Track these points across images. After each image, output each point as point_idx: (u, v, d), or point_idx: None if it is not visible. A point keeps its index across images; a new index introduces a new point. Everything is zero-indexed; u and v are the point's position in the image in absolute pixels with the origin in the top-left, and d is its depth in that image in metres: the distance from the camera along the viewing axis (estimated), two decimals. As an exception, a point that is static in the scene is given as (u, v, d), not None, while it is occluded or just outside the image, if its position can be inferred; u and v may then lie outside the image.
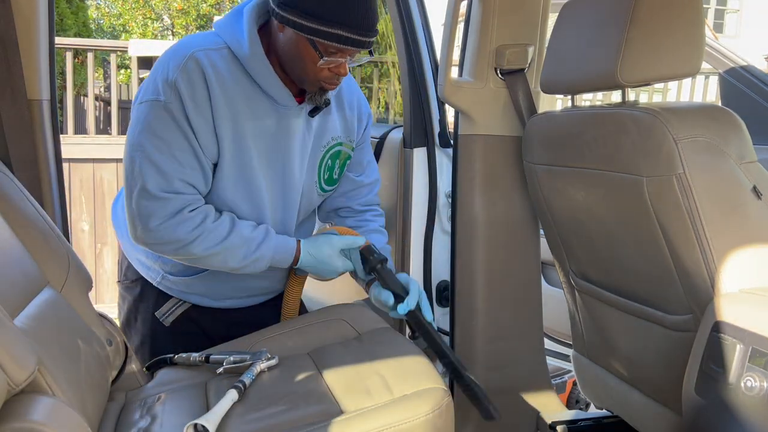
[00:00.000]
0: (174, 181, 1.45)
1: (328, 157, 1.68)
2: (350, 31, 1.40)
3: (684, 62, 1.36)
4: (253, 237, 1.54)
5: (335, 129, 1.67)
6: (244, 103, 1.49)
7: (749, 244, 1.29)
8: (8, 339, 0.93)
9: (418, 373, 1.30)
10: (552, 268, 2.42)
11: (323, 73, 1.47)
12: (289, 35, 1.44)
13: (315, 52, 1.42)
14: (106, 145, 5.32)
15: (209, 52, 1.47)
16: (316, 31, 1.40)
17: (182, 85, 1.43)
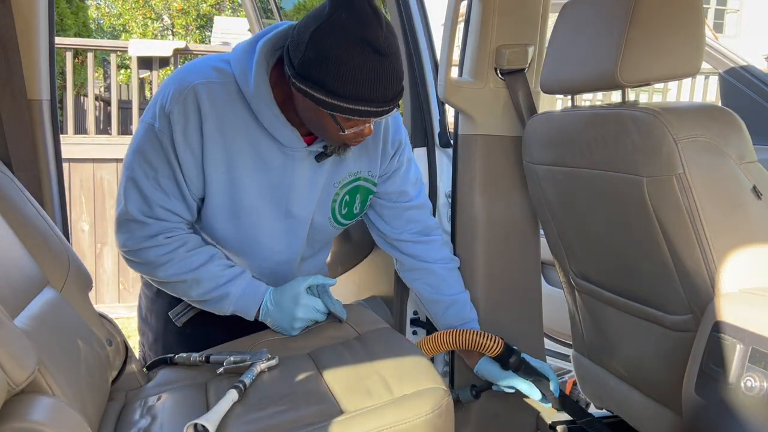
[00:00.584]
0: (155, 208, 1.46)
1: (345, 194, 1.62)
2: (371, 105, 1.32)
3: (684, 62, 1.36)
4: (223, 275, 1.51)
5: (354, 164, 1.60)
6: (245, 139, 1.45)
7: (749, 244, 1.29)
8: (8, 339, 0.93)
9: (418, 373, 1.30)
10: (552, 268, 2.42)
11: (347, 136, 1.41)
12: (308, 103, 1.36)
13: (335, 124, 1.37)
14: (106, 145, 5.32)
15: (213, 85, 1.43)
16: (336, 107, 1.32)
17: (175, 117, 1.42)
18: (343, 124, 1.37)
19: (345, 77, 1.29)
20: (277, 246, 1.59)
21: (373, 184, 1.65)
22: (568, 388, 2.31)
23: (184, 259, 1.49)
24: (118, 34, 16.24)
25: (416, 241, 1.72)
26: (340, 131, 1.38)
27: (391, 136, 1.64)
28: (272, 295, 1.52)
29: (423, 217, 1.74)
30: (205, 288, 1.51)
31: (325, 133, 1.43)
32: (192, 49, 6.27)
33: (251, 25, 3.40)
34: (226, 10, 16.23)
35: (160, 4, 15.71)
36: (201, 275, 1.50)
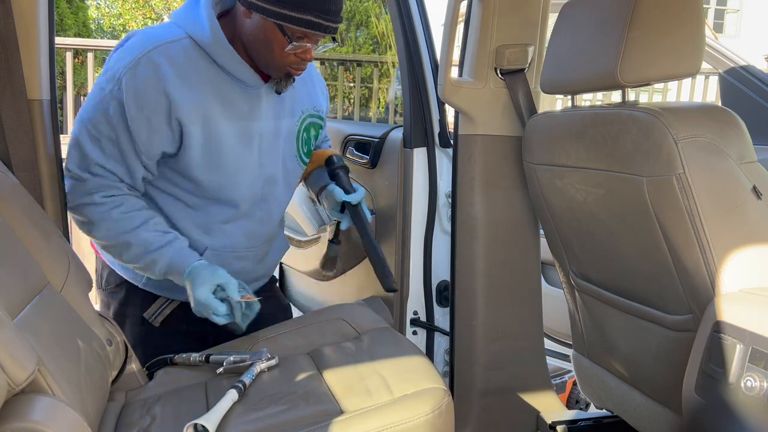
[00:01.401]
0: (92, 165, 1.51)
1: (303, 130, 1.74)
2: (318, 17, 1.42)
3: (684, 62, 1.37)
4: (153, 241, 1.53)
5: (304, 101, 1.73)
6: (211, 89, 1.52)
7: (749, 244, 1.29)
8: (8, 339, 0.93)
9: (418, 373, 1.30)
10: (552, 268, 2.42)
11: (289, 58, 1.50)
12: (256, 21, 1.46)
13: (283, 37, 1.45)
14: (106, 145, 5.31)
15: (167, 46, 1.49)
16: (285, 16, 1.42)
17: (127, 84, 1.46)
18: (291, 37, 1.45)
19: None
20: (255, 187, 1.64)
21: (320, 118, 1.80)
22: (568, 388, 2.31)
23: (117, 220, 1.52)
24: (118, 34, 16.24)
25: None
26: (287, 44, 1.45)
27: (318, 77, 1.83)
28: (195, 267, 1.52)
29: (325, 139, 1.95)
30: (135, 252, 1.54)
31: (271, 55, 1.49)
32: (192, 49, 6.26)
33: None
34: (225, 10, 16.22)
35: (160, 4, 15.71)
36: (132, 239, 1.52)
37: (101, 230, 1.54)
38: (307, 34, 1.46)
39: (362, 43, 7.34)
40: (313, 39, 1.49)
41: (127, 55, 1.49)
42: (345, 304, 1.84)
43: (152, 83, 1.46)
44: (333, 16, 1.46)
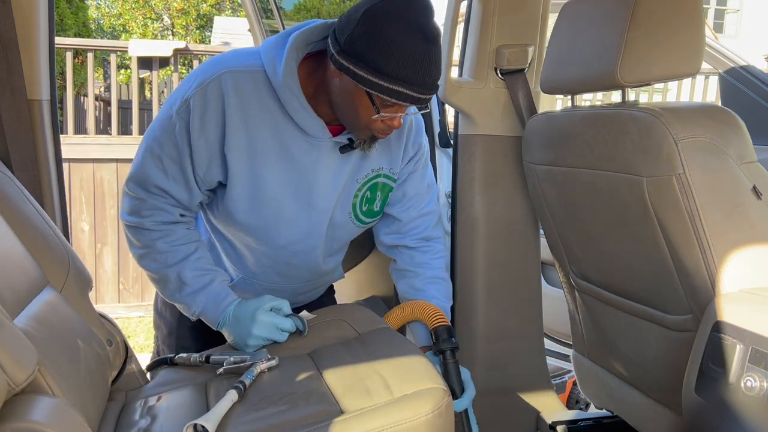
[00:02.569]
0: (150, 186, 1.48)
1: (366, 189, 1.61)
2: (412, 89, 1.33)
3: (684, 62, 1.37)
4: (190, 283, 1.50)
5: (376, 160, 1.59)
6: (270, 129, 1.45)
7: (749, 244, 1.29)
8: (8, 339, 0.93)
9: (418, 373, 1.30)
10: (552, 268, 2.42)
11: (376, 124, 1.42)
12: (346, 83, 1.37)
13: (371, 105, 1.37)
14: (106, 145, 5.32)
15: (239, 74, 1.43)
16: (376, 85, 1.33)
17: (195, 105, 1.42)
18: (380, 106, 1.37)
19: (391, 56, 1.30)
20: (295, 236, 1.57)
21: (393, 181, 1.64)
22: (568, 388, 2.31)
23: (161, 252, 1.50)
24: (118, 34, 16.25)
25: (415, 247, 1.70)
26: (375, 113, 1.37)
27: (413, 137, 1.63)
28: (232, 310, 1.50)
29: (428, 225, 1.71)
30: (171, 289, 1.52)
31: (356, 118, 1.42)
32: (192, 49, 6.27)
33: (251, 25, 3.40)
34: (226, 10, 16.23)
35: (160, 4, 15.71)
36: (170, 274, 1.51)
37: (146, 259, 1.52)
38: (398, 104, 1.37)
39: (362, 43, 7.30)
40: (403, 109, 1.40)
41: (200, 76, 1.45)
42: (345, 305, 1.84)
43: (215, 107, 1.42)
44: (426, 88, 1.35)
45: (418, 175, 1.67)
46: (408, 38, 1.31)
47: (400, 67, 1.31)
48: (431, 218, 1.71)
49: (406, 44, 1.30)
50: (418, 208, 1.68)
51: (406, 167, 1.65)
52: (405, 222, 1.68)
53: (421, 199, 1.69)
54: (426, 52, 1.32)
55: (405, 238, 1.70)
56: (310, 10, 7.27)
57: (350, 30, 1.33)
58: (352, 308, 1.72)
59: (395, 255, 1.74)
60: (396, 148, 1.61)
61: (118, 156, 5.26)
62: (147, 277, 1.58)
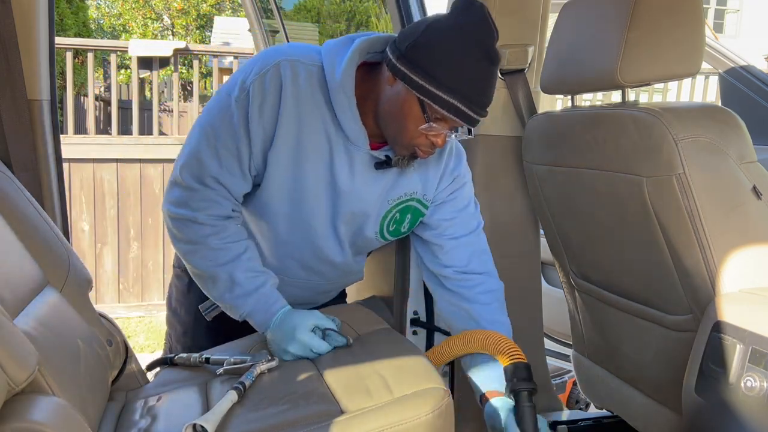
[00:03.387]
0: (206, 177, 1.44)
1: (397, 211, 1.57)
2: (465, 104, 1.31)
3: (684, 62, 1.37)
4: (242, 284, 1.47)
5: (412, 183, 1.54)
6: (316, 126, 1.44)
7: (749, 244, 1.29)
8: (8, 339, 0.93)
9: (418, 373, 1.30)
10: (552, 268, 2.42)
11: (420, 138, 1.39)
12: (398, 90, 1.35)
13: (422, 114, 1.34)
14: (106, 145, 5.32)
15: (297, 63, 1.42)
16: (431, 94, 1.31)
17: (255, 91, 1.40)
18: (431, 116, 1.34)
19: (451, 68, 1.30)
20: (323, 232, 1.55)
21: (424, 206, 1.60)
22: (568, 388, 2.31)
23: (213, 249, 1.46)
24: (118, 34, 16.25)
25: (458, 280, 1.62)
26: (423, 123, 1.35)
27: (452, 165, 1.59)
28: (280, 317, 1.47)
29: (471, 258, 1.62)
30: (219, 292, 1.49)
31: (402, 129, 1.39)
32: (192, 49, 6.27)
33: (251, 25, 3.40)
34: (226, 10, 16.24)
35: (160, 4, 15.71)
36: (220, 273, 1.47)
37: (195, 255, 1.47)
38: (448, 118, 1.34)
39: (362, 43, 7.30)
40: (452, 125, 1.37)
41: (258, 63, 1.42)
42: (345, 305, 1.84)
43: (273, 94, 1.40)
44: (480, 108, 1.33)
45: (456, 204, 1.62)
46: (470, 55, 1.30)
47: (458, 80, 1.30)
48: (471, 250, 1.63)
49: (468, 60, 1.30)
50: (454, 236, 1.62)
51: (440, 194, 1.60)
52: (445, 249, 1.62)
53: (458, 228, 1.62)
54: (486, 71, 1.32)
55: (447, 269, 1.63)
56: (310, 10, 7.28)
57: (413, 39, 1.32)
58: (352, 308, 1.72)
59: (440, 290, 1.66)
60: (433, 174, 1.57)
61: (118, 156, 5.26)
62: (192, 274, 1.52)
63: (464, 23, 1.31)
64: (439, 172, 1.57)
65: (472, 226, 1.65)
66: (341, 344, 1.46)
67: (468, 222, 1.64)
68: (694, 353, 1.32)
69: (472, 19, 1.32)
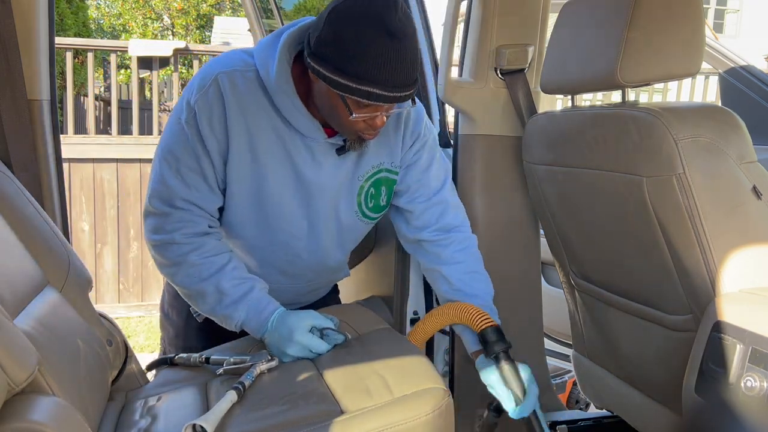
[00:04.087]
0: (174, 199, 1.45)
1: (370, 186, 1.58)
2: (379, 88, 1.30)
3: (684, 62, 1.36)
4: (229, 293, 1.46)
5: (376, 156, 1.56)
6: (268, 129, 1.45)
7: (749, 244, 1.29)
8: (8, 339, 0.93)
9: (418, 373, 1.30)
10: (552, 268, 2.42)
11: (358, 124, 1.40)
12: (321, 85, 1.36)
13: (345, 108, 1.36)
14: (106, 145, 5.32)
15: (234, 73, 1.43)
16: (344, 87, 1.31)
17: (200, 108, 1.42)
18: (353, 108, 1.35)
19: (354, 56, 1.28)
20: (297, 233, 1.56)
21: (395, 174, 1.61)
22: (568, 388, 2.31)
23: (194, 265, 1.46)
24: (118, 34, 16.25)
25: (435, 240, 1.64)
26: (350, 115, 1.36)
27: (411, 126, 1.59)
28: (275, 321, 1.47)
29: (440, 213, 1.64)
30: (210, 303, 1.48)
31: (338, 120, 1.41)
32: (192, 49, 6.27)
33: (251, 25, 3.40)
34: (226, 10, 16.23)
35: (160, 4, 15.70)
36: (207, 287, 1.47)
37: (179, 275, 1.48)
38: (370, 104, 1.34)
39: (362, 43, 7.29)
40: (379, 109, 1.37)
41: (197, 81, 1.45)
42: (344, 305, 1.84)
43: (218, 107, 1.41)
44: (398, 87, 1.32)
45: (422, 165, 1.63)
46: (369, 35, 1.27)
47: (364, 66, 1.28)
48: (445, 207, 1.65)
49: (368, 42, 1.27)
50: (426, 197, 1.63)
51: (405, 157, 1.61)
52: (416, 214, 1.64)
53: (428, 188, 1.64)
54: (390, 48, 1.28)
55: (422, 231, 1.65)
56: (310, 10, 7.26)
57: (318, 32, 1.32)
58: (352, 308, 1.72)
59: (420, 254, 1.70)
60: (394, 140, 1.58)
61: (118, 156, 5.26)
62: (183, 296, 1.53)
63: (361, 3, 1.29)
64: (399, 136, 1.58)
65: (441, 181, 1.66)
66: (340, 341, 1.46)
67: (437, 178, 1.65)
68: (694, 353, 1.32)
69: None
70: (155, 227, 1.48)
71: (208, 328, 1.64)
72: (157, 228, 1.47)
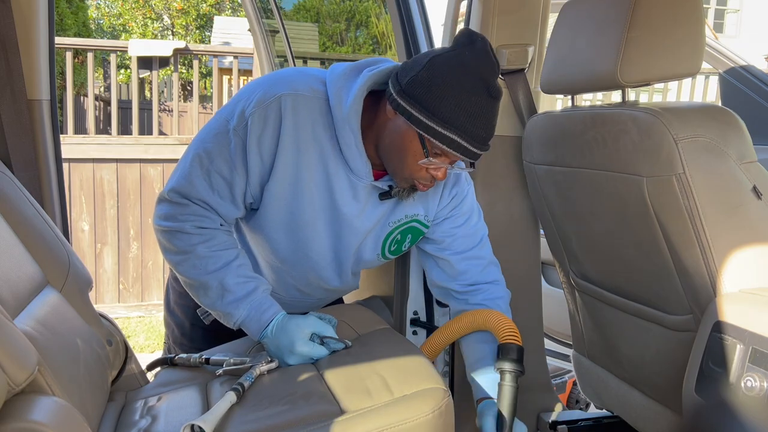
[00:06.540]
0: (194, 197, 1.44)
1: (398, 233, 1.59)
2: (465, 139, 1.32)
3: (684, 62, 1.37)
4: (233, 290, 1.45)
5: (412, 206, 1.56)
6: (317, 157, 1.44)
7: (749, 244, 1.29)
8: (8, 339, 0.93)
9: (418, 373, 1.30)
10: (552, 268, 2.42)
11: (421, 172, 1.40)
12: (398, 124, 1.36)
13: (421, 149, 1.36)
14: (106, 145, 5.32)
15: (300, 98, 1.41)
16: (430, 129, 1.32)
17: (254, 123, 1.40)
18: (430, 151, 1.36)
19: (451, 103, 1.30)
20: (322, 262, 1.57)
21: (425, 226, 1.62)
22: (568, 388, 2.31)
23: (202, 257, 1.45)
24: (118, 34, 16.26)
25: (464, 292, 1.64)
26: (423, 158, 1.36)
27: (451, 183, 1.60)
28: (275, 327, 1.45)
29: (475, 270, 1.63)
30: (212, 297, 1.47)
31: (402, 163, 1.40)
32: (192, 49, 6.27)
33: (251, 25, 3.40)
34: (226, 10, 16.24)
35: (160, 4, 15.71)
36: (211, 281, 1.45)
37: (185, 264, 1.45)
38: (447, 153, 1.35)
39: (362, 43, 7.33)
40: (451, 159, 1.38)
41: (259, 93, 1.41)
42: (344, 305, 1.84)
43: (273, 127, 1.40)
44: (480, 143, 1.34)
45: (459, 221, 1.63)
46: (469, 88, 1.30)
47: (458, 115, 1.31)
48: (478, 263, 1.64)
49: (467, 94, 1.30)
50: (460, 253, 1.63)
51: (441, 213, 1.62)
52: (452, 263, 1.63)
53: (463, 244, 1.63)
54: (486, 106, 1.32)
55: (452, 281, 1.65)
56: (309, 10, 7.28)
57: (414, 73, 1.33)
58: (352, 308, 1.72)
59: (447, 299, 1.69)
60: (433, 195, 1.59)
61: (118, 156, 5.26)
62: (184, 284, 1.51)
63: (466, 58, 1.31)
64: (438, 193, 1.59)
65: (477, 239, 1.65)
66: (339, 349, 1.45)
67: (472, 235, 1.64)
68: (694, 353, 1.32)
69: (474, 53, 1.32)
70: (167, 214, 1.46)
71: (215, 330, 1.63)
72: (169, 216, 1.45)
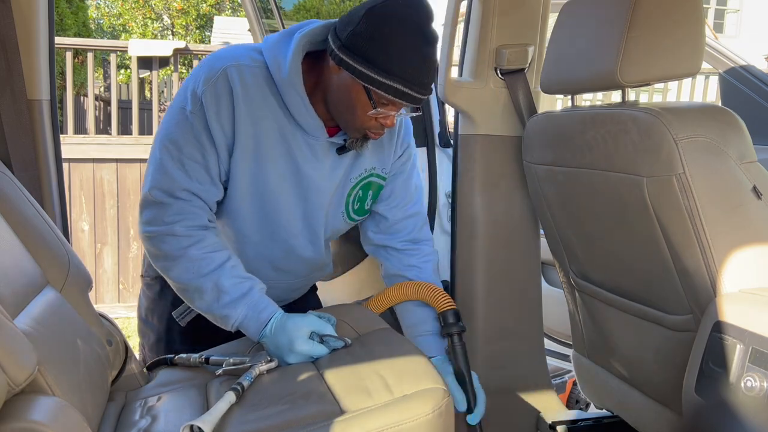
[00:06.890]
0: (176, 189, 1.45)
1: (359, 188, 1.64)
2: (408, 86, 1.37)
3: (684, 62, 1.37)
4: (229, 291, 1.44)
5: (369, 160, 1.62)
6: (272, 124, 1.47)
7: (749, 244, 1.29)
8: (8, 339, 0.93)
9: (418, 373, 1.30)
10: (552, 268, 2.42)
11: (371, 122, 1.45)
12: (344, 78, 1.40)
13: (368, 100, 1.40)
14: (106, 145, 5.32)
15: (243, 68, 1.44)
16: (374, 81, 1.36)
17: (208, 99, 1.42)
18: (377, 103, 1.40)
19: (393, 54, 1.35)
20: (294, 229, 1.59)
21: (383, 180, 1.67)
22: (568, 388, 2.31)
23: (194, 260, 1.44)
24: (118, 34, 16.26)
25: (403, 249, 1.71)
26: (371, 109, 1.40)
27: (403, 137, 1.67)
28: (274, 326, 1.45)
29: (414, 226, 1.73)
30: (208, 300, 1.46)
31: (352, 115, 1.44)
32: (192, 49, 6.27)
33: (251, 25, 3.40)
34: (226, 10, 16.24)
35: (160, 4, 15.71)
36: (205, 284, 1.45)
37: (176, 269, 1.46)
38: (394, 102, 1.40)
39: (362, 43, 7.32)
40: (399, 107, 1.43)
41: (205, 72, 1.45)
42: (345, 305, 1.84)
43: (226, 99, 1.43)
44: (423, 88, 1.39)
45: (405, 175, 1.71)
46: (409, 38, 1.35)
47: (400, 65, 1.36)
48: (418, 220, 1.73)
49: (407, 44, 1.35)
50: (403, 208, 1.71)
51: (393, 166, 1.68)
52: (392, 222, 1.70)
53: (407, 199, 1.72)
54: (425, 53, 1.37)
55: (392, 239, 1.72)
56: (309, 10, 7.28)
57: (352, 27, 1.37)
58: (352, 308, 1.72)
59: (383, 257, 1.75)
60: (387, 147, 1.65)
61: (118, 156, 5.25)
62: (176, 289, 1.50)
63: (400, 7, 1.36)
64: (392, 144, 1.65)
65: (418, 194, 1.75)
66: (339, 347, 1.46)
67: (417, 189, 1.74)
68: (694, 353, 1.32)
69: (407, 2, 1.37)
70: (151, 218, 1.46)
71: (191, 332, 1.65)
72: (155, 219, 1.46)
